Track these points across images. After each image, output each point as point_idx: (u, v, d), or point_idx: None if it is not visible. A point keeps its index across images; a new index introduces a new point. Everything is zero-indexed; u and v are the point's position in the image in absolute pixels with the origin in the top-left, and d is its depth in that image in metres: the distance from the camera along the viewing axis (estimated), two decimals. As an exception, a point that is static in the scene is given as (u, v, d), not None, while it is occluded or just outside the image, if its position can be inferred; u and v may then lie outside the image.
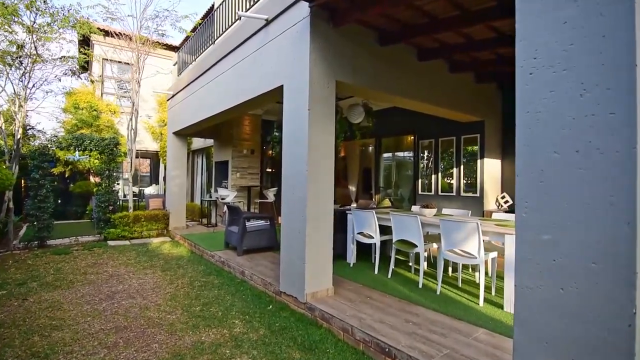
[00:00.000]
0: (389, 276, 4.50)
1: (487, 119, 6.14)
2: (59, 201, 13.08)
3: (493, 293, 3.91)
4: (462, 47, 4.61)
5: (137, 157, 13.17)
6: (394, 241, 4.47)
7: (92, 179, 12.04)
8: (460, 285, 4.21)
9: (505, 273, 3.41)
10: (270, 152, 7.02)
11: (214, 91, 6.04)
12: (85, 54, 9.41)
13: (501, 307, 3.50)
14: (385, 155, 8.39)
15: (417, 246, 4.17)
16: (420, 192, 7.17)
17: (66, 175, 11.77)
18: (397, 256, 5.34)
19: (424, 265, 4.12)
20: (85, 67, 13.00)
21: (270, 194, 8.35)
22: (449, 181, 6.69)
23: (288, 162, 3.87)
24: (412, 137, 7.37)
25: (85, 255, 6.42)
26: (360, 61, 4.13)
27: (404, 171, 7.87)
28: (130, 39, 8.51)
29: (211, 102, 6.12)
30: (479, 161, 6.19)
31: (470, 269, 4.86)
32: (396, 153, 8.16)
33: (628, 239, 1.29)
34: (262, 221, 6.10)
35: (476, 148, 6.26)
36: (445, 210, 5.29)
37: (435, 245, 4.38)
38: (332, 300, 3.63)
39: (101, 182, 7.86)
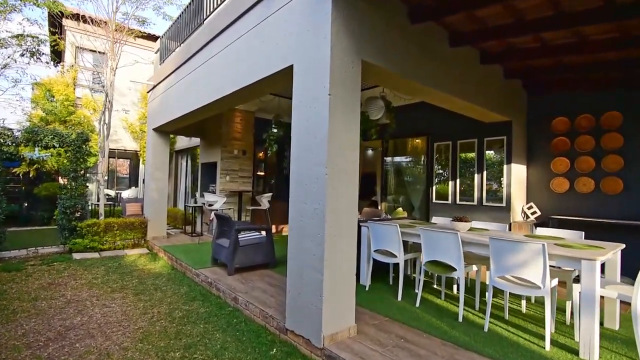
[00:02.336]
0: (417, 304, 3.68)
1: (515, 119, 5.46)
2: (25, 205, 11.82)
3: (552, 330, 3.14)
4: (502, 30, 3.89)
5: (113, 156, 12.04)
6: (423, 262, 3.66)
7: (61, 180, 10.80)
8: (507, 317, 3.43)
9: (582, 309, 2.65)
10: (266, 152, 6.06)
11: (202, 79, 5.13)
12: (53, 34, 8.26)
13: (575, 352, 2.73)
14: (393, 159, 7.63)
15: (455, 269, 3.37)
16: (434, 200, 6.42)
17: (30, 176, 10.50)
18: (414, 275, 4.54)
19: (461, 292, 3.32)
20: (57, 58, 11.80)
21: (264, 200, 7.44)
22: (468, 189, 5.97)
23: (299, 163, 3.01)
24: (425, 139, 6.63)
25: (42, 273, 5.33)
26: (391, 38, 3.33)
27: (415, 177, 7.12)
28: (106, 23, 7.49)
29: (198, 93, 5.20)
30: (505, 167, 5.48)
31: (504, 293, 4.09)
32: (405, 157, 7.41)
33: None
34: (258, 233, 5.19)
35: (501, 152, 5.56)
36: (474, 224, 4.53)
37: (474, 268, 3.60)
38: (357, 344, 2.78)
39: (66, 185, 6.76)
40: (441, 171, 6.40)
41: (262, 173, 9.11)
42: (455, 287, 4.20)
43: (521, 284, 2.97)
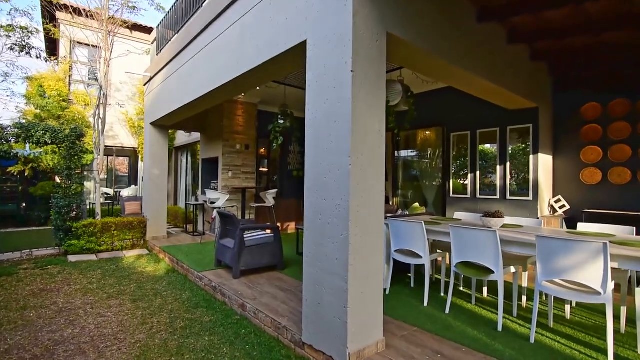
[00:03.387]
0: (447, 311, 3.29)
1: (541, 105, 5.03)
2: (23, 205, 11.48)
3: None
4: (535, 2, 3.46)
5: (111, 154, 11.66)
6: (453, 264, 3.26)
7: (57, 179, 10.42)
8: (551, 324, 3.03)
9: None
10: (270, 146, 5.55)
11: (203, 66, 4.71)
12: (50, 24, 7.83)
13: (643, 369, 2.33)
14: (404, 151, 7.21)
15: (492, 272, 2.98)
16: (451, 194, 6.02)
17: (26, 174, 10.13)
18: (437, 276, 4.16)
19: (500, 298, 2.93)
20: (51, 52, 11.37)
21: (270, 197, 7.04)
22: (489, 182, 5.56)
23: (317, 153, 2.61)
24: (441, 130, 6.21)
25: (34, 278, 4.96)
26: (419, 9, 2.91)
27: (428, 170, 6.71)
28: (99, 13, 7.06)
29: (199, 81, 4.79)
30: (531, 157, 5.06)
31: (544, 297, 3.70)
32: (417, 149, 6.99)
33: None
34: (264, 233, 4.80)
35: (527, 141, 5.14)
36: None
37: (512, 270, 3.20)
38: (388, 363, 2.39)
39: (60, 183, 6.37)
40: (459, 163, 5.98)
41: (265, 169, 8.71)
42: (485, 289, 3.80)
43: (576, 289, 2.58)
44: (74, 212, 6.42)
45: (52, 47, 11.57)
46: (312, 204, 2.63)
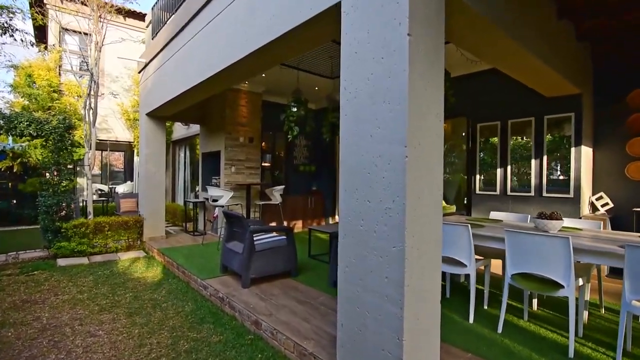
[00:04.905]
0: (499, 329, 2.79)
1: (585, 91, 4.51)
2: (14, 202, 10.90)
3: None
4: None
5: (105, 148, 11.05)
6: (509, 274, 2.76)
7: (48, 175, 9.82)
8: (629, 347, 2.54)
9: None
10: (287, 138, 4.82)
11: (205, 45, 4.15)
12: (37, 8, 7.19)
13: None
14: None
15: (562, 287, 2.47)
16: (477, 191, 5.51)
17: (14, 170, 9.52)
18: (478, 286, 3.66)
19: (571, 319, 2.43)
20: (42, 41, 10.68)
21: (277, 194, 6.51)
22: (522, 177, 5.05)
23: (357, 141, 2.08)
24: (465, 121, 5.68)
25: (17, 286, 4.42)
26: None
27: (449, 164, 6.20)
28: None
29: (200, 64, 4.22)
30: (573, 149, 4.56)
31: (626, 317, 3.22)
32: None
33: None
34: (277, 235, 4.28)
35: (567, 132, 4.63)
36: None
37: (580, 282, 2.70)
38: (451, 408, 1.89)
39: (48, 180, 5.81)
40: (485, 157, 5.47)
41: (268, 164, 8.16)
42: (535, 301, 3.31)
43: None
44: (64, 211, 5.86)
45: (41, 35, 10.91)
46: (350, 207, 2.11)
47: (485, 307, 3.30)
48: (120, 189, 11.14)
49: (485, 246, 3.19)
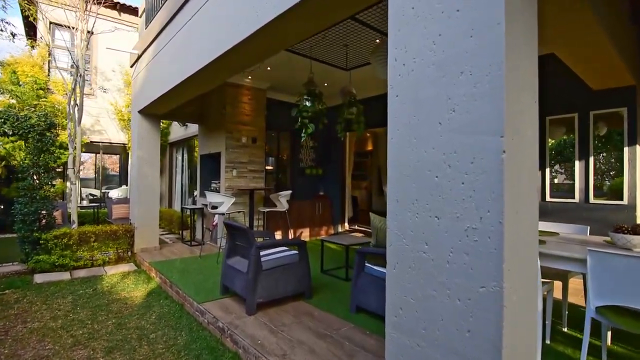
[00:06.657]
0: (580, 378, 2.17)
1: (639, 83, 3.94)
2: (1, 207, 10.24)
3: None
4: None
5: (98, 151, 10.42)
6: (592, 306, 2.14)
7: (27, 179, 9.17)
8: None
9: None
10: (301, 136, 4.11)
11: (206, 26, 3.55)
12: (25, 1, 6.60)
13: None
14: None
15: (675, 327, 1.86)
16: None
17: (-1, 174, 8.86)
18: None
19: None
20: (32, 37, 10.11)
21: (283, 200, 5.89)
22: (563, 181, 4.45)
23: (416, 132, 1.47)
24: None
25: (-18, 309, 3.77)
26: None
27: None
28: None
29: (199, 49, 3.63)
30: (626, 150, 3.96)
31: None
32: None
33: None
34: (287, 250, 3.66)
35: (618, 129, 4.04)
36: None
37: (691, 318, 2.08)
38: None
39: (25, 185, 5.18)
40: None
41: (271, 167, 7.55)
42: (609, 335, 2.69)
43: None
44: (44, 220, 5.22)
45: (31, 32, 10.36)
46: (406, 224, 1.49)
47: (548, 342, 2.67)
48: (114, 193, 10.48)
49: (548, 267, 2.58)
